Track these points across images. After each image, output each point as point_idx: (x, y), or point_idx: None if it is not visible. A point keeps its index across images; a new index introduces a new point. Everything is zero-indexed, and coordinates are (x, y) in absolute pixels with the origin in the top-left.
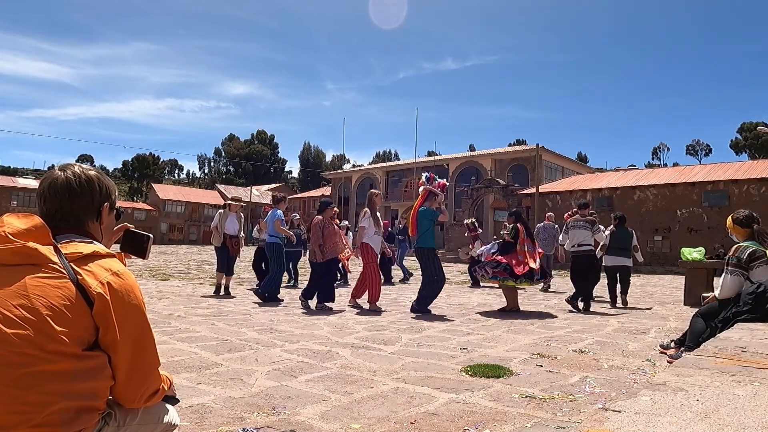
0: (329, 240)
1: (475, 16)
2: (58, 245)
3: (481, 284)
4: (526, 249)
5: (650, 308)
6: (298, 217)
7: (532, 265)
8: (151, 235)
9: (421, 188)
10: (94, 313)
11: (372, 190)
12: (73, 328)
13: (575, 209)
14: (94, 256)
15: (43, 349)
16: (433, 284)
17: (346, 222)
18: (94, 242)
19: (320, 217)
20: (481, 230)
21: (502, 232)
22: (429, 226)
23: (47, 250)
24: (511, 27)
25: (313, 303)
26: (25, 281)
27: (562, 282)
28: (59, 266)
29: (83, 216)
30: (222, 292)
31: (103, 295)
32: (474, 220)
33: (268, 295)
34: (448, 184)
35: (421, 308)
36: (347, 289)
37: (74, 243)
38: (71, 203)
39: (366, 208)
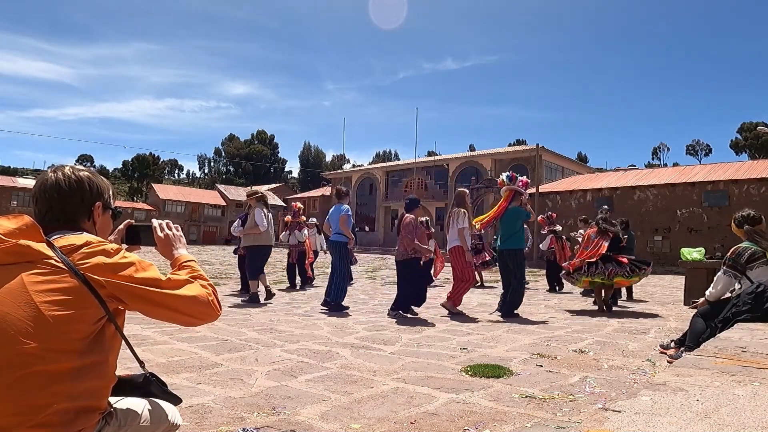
0: (422, 240)
1: (475, 16)
2: (51, 240)
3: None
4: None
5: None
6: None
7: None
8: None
9: (503, 188)
10: (105, 297)
11: (462, 189)
12: (76, 323)
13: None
14: (88, 245)
15: (44, 348)
16: (522, 287)
17: (314, 219)
18: (85, 233)
19: (412, 216)
20: (433, 230)
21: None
22: (521, 226)
23: (40, 246)
24: (511, 27)
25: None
26: (22, 279)
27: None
28: (56, 260)
29: (74, 216)
30: (266, 296)
31: (106, 278)
32: (428, 218)
33: (334, 303)
34: (529, 181)
35: (511, 313)
36: (311, 291)
37: (66, 236)
38: (61, 203)
39: (461, 209)
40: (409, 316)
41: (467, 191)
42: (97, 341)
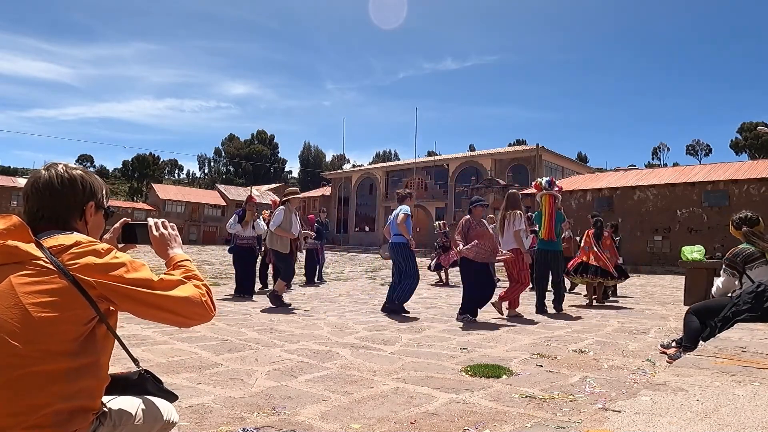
0: (480, 238)
1: (475, 16)
2: (40, 241)
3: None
4: (590, 249)
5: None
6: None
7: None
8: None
9: (541, 192)
10: (95, 297)
11: (514, 191)
12: (65, 324)
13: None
14: (78, 245)
15: (36, 349)
16: (562, 284)
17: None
18: (75, 233)
19: (468, 217)
20: None
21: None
22: (560, 230)
23: (29, 247)
24: (511, 27)
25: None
26: (10, 280)
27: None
28: (44, 261)
29: (66, 215)
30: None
31: (96, 279)
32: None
33: (397, 303)
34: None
35: (560, 308)
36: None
37: (55, 236)
38: (53, 201)
39: (516, 210)
40: (475, 320)
41: (519, 193)
42: (89, 342)
